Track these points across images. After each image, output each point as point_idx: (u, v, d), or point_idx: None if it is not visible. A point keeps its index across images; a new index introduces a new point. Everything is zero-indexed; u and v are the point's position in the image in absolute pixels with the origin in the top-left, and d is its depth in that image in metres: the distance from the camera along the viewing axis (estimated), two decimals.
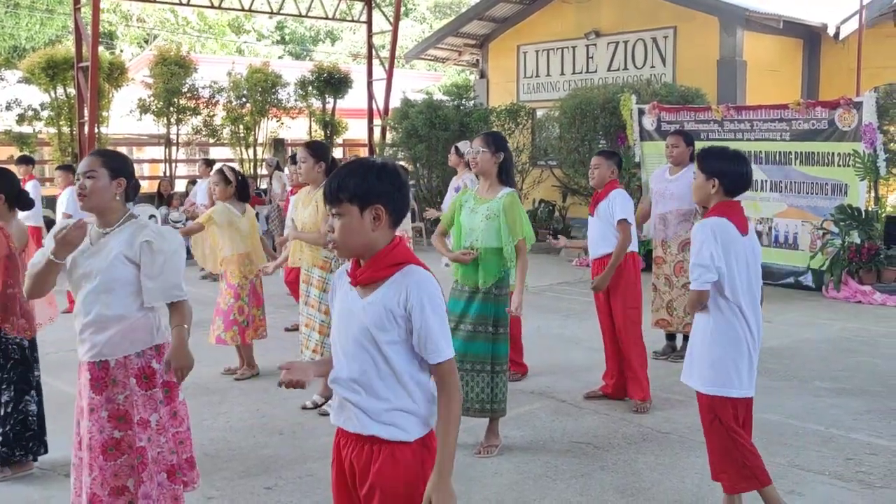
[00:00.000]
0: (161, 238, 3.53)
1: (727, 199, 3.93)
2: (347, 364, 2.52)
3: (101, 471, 3.57)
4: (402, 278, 2.47)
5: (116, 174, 3.54)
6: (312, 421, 5.78)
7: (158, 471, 3.61)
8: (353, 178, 2.47)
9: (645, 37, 15.79)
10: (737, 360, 3.88)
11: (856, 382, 6.56)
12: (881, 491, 4.50)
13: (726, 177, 3.91)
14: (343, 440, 2.60)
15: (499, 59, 18.44)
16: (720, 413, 3.92)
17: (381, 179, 2.49)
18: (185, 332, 3.57)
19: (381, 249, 2.49)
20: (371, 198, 2.47)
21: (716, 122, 11.30)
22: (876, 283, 9.96)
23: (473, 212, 5.06)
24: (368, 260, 2.50)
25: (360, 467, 2.53)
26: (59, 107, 15.48)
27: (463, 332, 4.98)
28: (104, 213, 3.56)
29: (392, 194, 2.50)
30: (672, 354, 7.26)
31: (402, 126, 16.03)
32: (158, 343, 3.64)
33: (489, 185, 5.11)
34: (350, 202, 2.46)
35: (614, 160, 6.12)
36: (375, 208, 2.47)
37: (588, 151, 13.47)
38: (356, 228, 2.47)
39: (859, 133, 9.97)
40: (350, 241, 2.49)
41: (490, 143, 5.06)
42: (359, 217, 2.47)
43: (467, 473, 4.78)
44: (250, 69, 17.69)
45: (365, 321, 2.48)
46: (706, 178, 3.93)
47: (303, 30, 38.96)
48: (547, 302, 9.91)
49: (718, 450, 3.96)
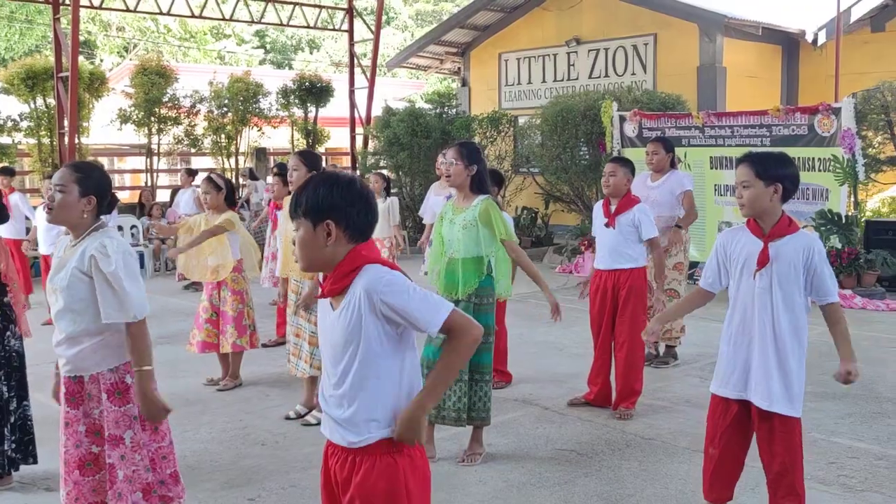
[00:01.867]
0: (103, 252, 3.38)
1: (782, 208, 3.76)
2: (332, 375, 2.53)
3: (75, 486, 3.51)
4: (361, 278, 2.46)
5: (87, 192, 3.46)
6: (295, 431, 5.76)
7: (133, 490, 3.51)
8: (306, 192, 2.50)
9: (625, 44, 15.88)
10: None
11: (837, 386, 6.55)
12: (862, 494, 4.53)
13: (790, 181, 3.73)
14: (330, 450, 2.62)
15: (480, 67, 18.49)
16: (800, 430, 3.85)
17: (331, 194, 2.47)
18: (146, 376, 3.42)
19: (340, 261, 2.49)
20: (321, 213, 2.47)
21: (696, 128, 11.36)
22: (856, 287, 10.03)
23: (452, 223, 5.05)
24: (331, 273, 2.52)
25: (342, 478, 2.55)
26: (38, 117, 15.37)
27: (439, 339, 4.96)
28: (73, 228, 3.51)
29: (343, 209, 2.47)
30: (655, 360, 7.27)
31: (384, 134, 16.04)
32: None
33: (463, 195, 5.09)
34: (305, 217, 2.48)
35: (629, 167, 6.02)
36: (326, 223, 2.46)
37: (570, 159, 13.53)
38: (311, 243, 2.50)
39: (838, 138, 10.04)
40: (307, 256, 2.52)
41: (463, 156, 4.98)
42: (312, 232, 2.48)
43: (451, 482, 4.77)
44: (231, 78, 17.65)
45: (338, 331, 2.49)
46: (766, 184, 3.67)
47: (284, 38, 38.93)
48: (531, 309, 9.92)
49: (799, 473, 3.83)
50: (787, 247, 3.71)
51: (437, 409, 4.96)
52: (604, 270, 6.04)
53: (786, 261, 3.71)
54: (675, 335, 7.26)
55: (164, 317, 9.83)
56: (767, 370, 3.79)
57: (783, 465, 3.80)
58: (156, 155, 17.06)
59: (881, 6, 14.66)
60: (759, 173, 3.70)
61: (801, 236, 3.74)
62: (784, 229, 3.74)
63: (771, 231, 3.75)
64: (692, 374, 7.00)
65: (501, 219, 5.01)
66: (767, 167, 3.70)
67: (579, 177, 13.71)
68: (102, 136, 17.27)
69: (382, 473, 2.48)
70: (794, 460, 3.80)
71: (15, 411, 4.80)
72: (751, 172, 3.71)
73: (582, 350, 7.43)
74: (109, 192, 3.59)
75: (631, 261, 5.95)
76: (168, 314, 10.00)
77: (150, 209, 14.48)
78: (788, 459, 3.79)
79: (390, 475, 2.49)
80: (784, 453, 3.79)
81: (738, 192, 3.81)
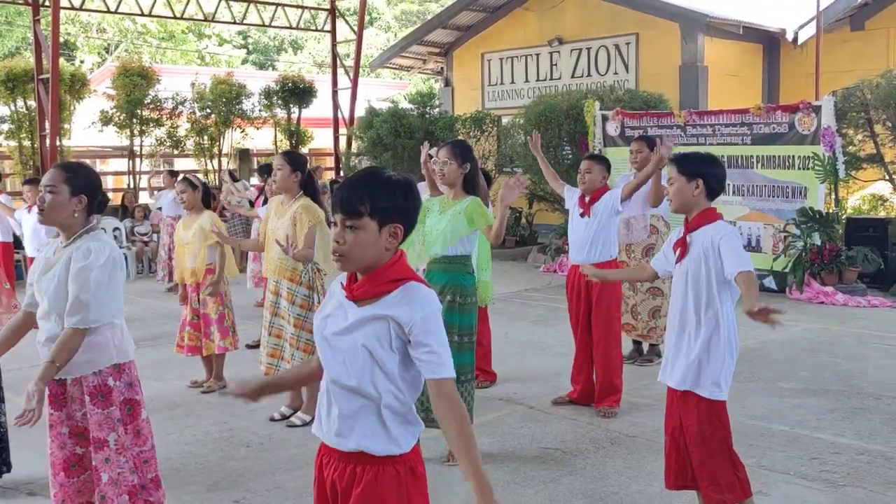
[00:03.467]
0: (85, 256, 3.38)
1: (709, 204, 3.90)
2: (346, 376, 2.41)
3: (61, 487, 3.52)
4: (403, 294, 2.39)
5: (78, 191, 3.46)
6: (280, 433, 5.75)
7: (119, 493, 3.50)
8: (378, 192, 2.38)
9: (608, 43, 15.93)
10: (732, 362, 3.90)
11: (819, 382, 6.65)
12: (844, 489, 4.57)
13: (709, 178, 3.88)
14: (326, 458, 2.52)
15: (463, 67, 18.50)
16: (723, 419, 3.86)
17: (407, 198, 2.42)
18: (51, 370, 3.34)
19: (383, 264, 2.42)
20: (394, 215, 2.39)
21: (678, 127, 11.42)
22: (837, 283, 10.11)
23: (441, 214, 5.05)
24: (368, 274, 2.42)
25: (342, 488, 2.45)
26: (19, 120, 15.28)
27: None
28: (65, 229, 3.50)
29: (412, 212, 2.44)
30: (639, 358, 7.31)
31: (367, 135, 16.03)
32: (119, 362, 3.55)
33: (454, 193, 5.10)
34: (370, 216, 2.37)
35: (605, 164, 6.09)
36: (395, 226, 2.40)
37: (553, 158, 13.54)
38: (371, 244, 2.38)
39: (818, 136, 10.12)
40: (360, 256, 2.39)
41: (457, 155, 5.01)
42: (376, 233, 2.38)
43: (436, 482, 4.76)
44: (214, 80, 17.59)
45: (359, 335, 2.39)
46: (688, 180, 3.87)
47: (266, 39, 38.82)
48: (514, 308, 9.94)
49: (716, 459, 3.82)
50: (699, 236, 3.86)
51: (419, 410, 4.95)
52: (578, 265, 6.07)
53: (697, 249, 3.85)
54: (660, 333, 7.29)
55: (148, 319, 9.79)
56: (676, 352, 3.92)
57: (699, 452, 3.82)
58: (138, 157, 16.98)
59: (860, 5, 14.77)
60: (680, 170, 3.91)
61: (713, 225, 3.86)
62: (701, 220, 3.88)
63: (690, 221, 3.91)
64: None
65: (486, 214, 5.02)
66: (689, 164, 3.92)
67: (562, 176, 13.67)
68: (84, 138, 17.18)
69: (386, 485, 2.40)
70: (712, 448, 3.81)
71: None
72: (674, 169, 3.94)
73: (566, 349, 7.45)
74: (100, 191, 3.59)
75: (603, 253, 5.96)
76: (151, 317, 9.96)
77: (132, 211, 14.43)
78: (704, 447, 3.81)
79: (394, 486, 2.41)
80: (699, 440, 3.82)
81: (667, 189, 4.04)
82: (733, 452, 3.88)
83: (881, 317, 9.16)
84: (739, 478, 3.85)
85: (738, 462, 3.89)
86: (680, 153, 4.09)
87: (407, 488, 2.43)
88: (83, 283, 3.36)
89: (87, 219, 3.53)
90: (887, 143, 10.80)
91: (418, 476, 2.47)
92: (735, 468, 3.85)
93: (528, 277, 12.46)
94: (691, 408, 3.86)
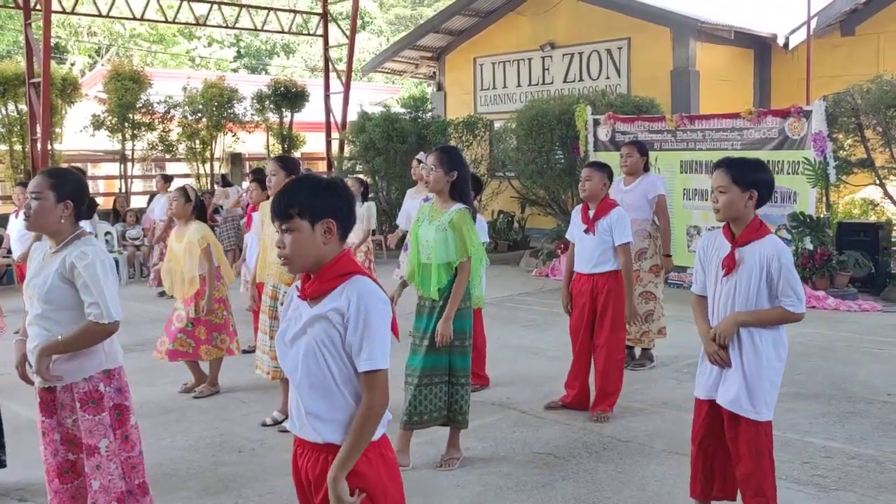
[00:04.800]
0: (83, 257, 3.40)
1: (755, 214, 3.79)
2: (304, 373, 2.54)
3: (56, 494, 3.52)
4: (345, 288, 2.51)
5: (63, 197, 3.46)
6: (273, 438, 5.74)
7: (109, 500, 3.50)
8: (303, 193, 2.54)
9: (599, 48, 15.97)
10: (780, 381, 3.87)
11: (811, 387, 6.66)
12: (836, 493, 4.58)
13: (765, 187, 3.75)
14: (300, 449, 2.63)
15: (456, 72, 18.53)
16: (770, 433, 3.85)
17: (331, 194, 2.56)
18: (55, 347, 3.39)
19: (328, 262, 2.54)
20: (322, 212, 2.52)
21: (668, 132, 11.45)
22: (829, 288, 10.14)
23: (430, 223, 5.04)
24: (316, 272, 2.56)
25: (314, 476, 2.56)
26: (10, 123, 15.22)
27: (422, 347, 4.99)
28: (53, 235, 3.50)
29: (341, 208, 2.56)
30: (632, 363, 7.31)
31: (359, 139, 16.02)
32: (108, 368, 3.54)
33: (443, 200, 5.06)
34: (300, 217, 2.51)
35: (606, 172, 6.02)
36: (327, 222, 2.52)
37: (545, 162, 13.58)
38: (307, 243, 2.52)
39: (809, 141, 10.16)
40: (301, 256, 2.54)
41: (444, 163, 4.95)
42: (310, 231, 2.52)
43: (429, 486, 4.78)
44: (206, 84, 17.56)
45: (312, 333, 2.52)
46: (742, 190, 3.70)
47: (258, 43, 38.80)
48: (507, 313, 9.94)
49: (765, 475, 3.81)
50: (752, 251, 3.74)
51: (413, 415, 4.98)
52: (584, 274, 6.06)
53: (749, 265, 3.74)
54: (652, 338, 7.30)
55: (139, 324, 9.76)
56: (731, 373, 3.82)
57: (749, 467, 3.83)
58: (130, 161, 16.94)
59: (850, 10, 14.83)
60: (735, 179, 3.73)
61: (767, 241, 3.75)
62: (752, 234, 3.76)
63: (739, 236, 3.78)
64: (669, 377, 7.05)
65: (474, 238, 4.95)
66: (744, 173, 3.74)
67: (555, 180, 13.76)
68: (76, 142, 17.13)
69: (357, 470, 2.48)
70: (761, 463, 3.82)
71: None
72: (727, 178, 3.74)
73: (559, 353, 7.46)
74: (87, 196, 3.60)
75: (610, 265, 5.96)
76: (143, 321, 9.93)
77: (124, 215, 14.39)
78: (754, 462, 3.82)
79: (364, 471, 2.50)
80: (748, 455, 3.81)
81: (714, 196, 3.83)
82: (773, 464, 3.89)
83: (872, 321, 9.19)
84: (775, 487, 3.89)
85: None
86: (731, 159, 3.85)
87: (379, 473, 2.53)
88: (94, 278, 3.38)
89: (75, 224, 3.53)
90: (878, 148, 10.83)
91: (388, 461, 2.58)
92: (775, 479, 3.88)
93: (521, 282, 12.46)
94: (741, 425, 3.80)
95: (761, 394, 3.77)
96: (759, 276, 3.72)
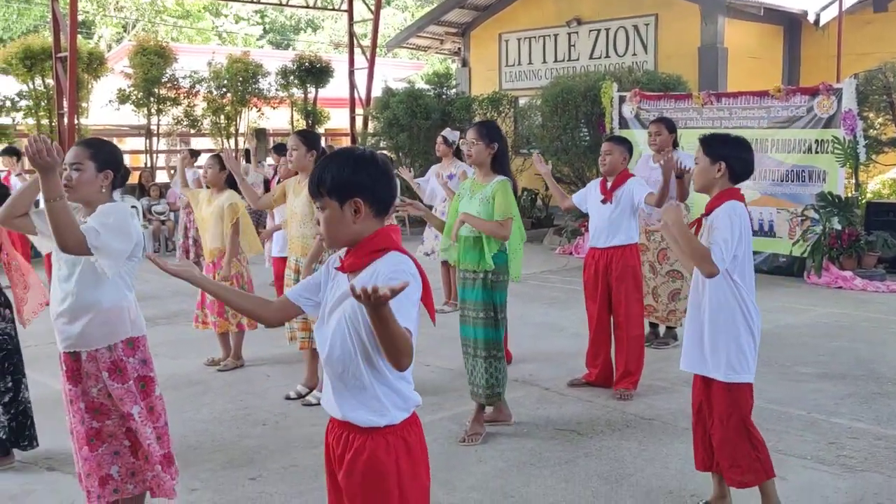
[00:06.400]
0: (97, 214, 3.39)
1: (731, 186, 3.87)
2: (331, 348, 2.51)
3: (85, 461, 3.58)
4: (377, 264, 2.47)
5: (103, 166, 3.49)
6: (296, 411, 5.77)
7: (153, 463, 3.58)
8: (330, 171, 2.48)
9: (626, 24, 15.80)
10: (749, 344, 3.86)
11: (837, 367, 6.60)
12: (862, 474, 4.54)
13: (733, 162, 3.85)
14: (330, 425, 2.63)
15: (480, 48, 18.41)
16: (741, 401, 3.85)
17: (356, 172, 2.47)
18: (52, 179, 3.15)
19: (365, 237, 2.49)
20: (349, 191, 2.46)
21: (695, 109, 11.32)
22: (856, 268, 10.03)
23: (471, 198, 5.09)
24: (353, 247, 2.52)
25: (337, 454, 2.56)
26: (37, 98, 15.31)
27: (470, 318, 5.07)
28: (90, 204, 3.52)
29: (370, 186, 2.48)
30: (655, 341, 7.27)
31: (383, 115, 15.98)
32: (133, 336, 3.59)
33: (483, 173, 5.14)
34: (329, 196, 2.47)
35: (626, 146, 6.04)
36: (354, 201, 2.46)
37: (570, 140, 13.49)
38: (338, 221, 2.48)
39: (838, 119, 10.01)
40: (335, 234, 2.51)
41: (484, 135, 5.07)
42: (339, 210, 2.47)
43: (451, 462, 4.79)
44: (230, 59, 17.57)
45: (343, 306, 2.49)
46: (711, 162, 3.85)
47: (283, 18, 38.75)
48: (530, 290, 9.92)
49: (734, 442, 3.83)
50: (710, 218, 3.83)
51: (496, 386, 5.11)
52: (598, 249, 6.05)
53: (707, 231, 3.82)
54: (679, 316, 7.26)
55: (164, 297, 9.83)
56: (693, 337, 3.92)
57: (720, 434, 3.84)
58: (155, 136, 17.02)
59: None
60: (705, 151, 3.89)
61: (723, 206, 3.80)
62: (714, 203, 3.84)
63: (707, 205, 3.88)
64: None
65: (515, 208, 5.02)
66: (713, 146, 3.89)
67: (580, 158, 13.68)
68: (101, 116, 17.23)
69: (374, 454, 2.47)
70: (732, 430, 3.82)
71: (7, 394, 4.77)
72: (700, 150, 3.92)
73: (581, 330, 7.42)
74: (122, 165, 3.64)
75: (625, 238, 5.95)
76: (168, 295, 10.00)
77: (149, 189, 14.47)
78: (724, 428, 3.82)
79: (382, 456, 2.47)
80: (719, 422, 3.84)
81: None
82: (752, 434, 3.86)
83: None
84: (760, 459, 3.85)
85: (759, 443, 3.87)
86: (707, 134, 4.04)
87: (396, 457, 2.49)
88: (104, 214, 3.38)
89: (111, 194, 3.57)
90: None
91: (411, 445, 2.53)
92: (755, 449, 3.84)
93: (544, 259, 12.43)
94: (712, 391, 3.87)
95: (723, 354, 3.81)
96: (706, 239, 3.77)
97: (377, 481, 2.47)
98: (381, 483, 2.47)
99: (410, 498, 2.50)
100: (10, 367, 4.79)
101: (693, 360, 3.93)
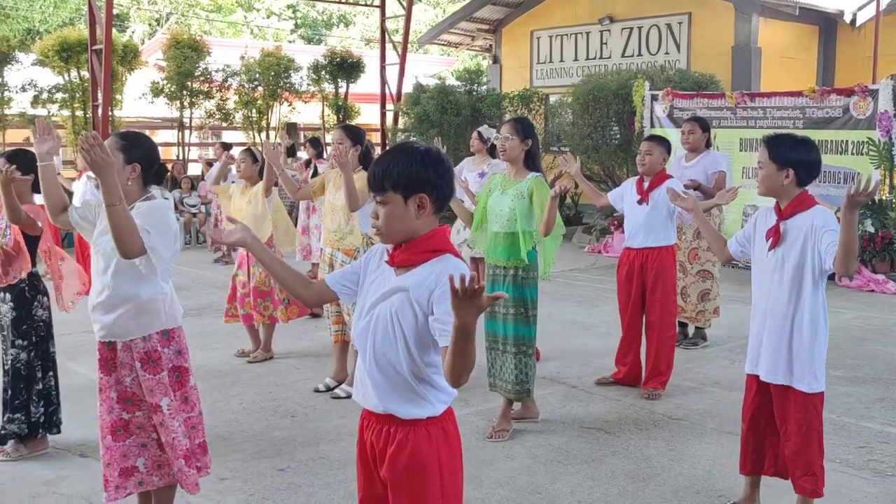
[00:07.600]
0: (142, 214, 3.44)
1: (800, 190, 3.74)
2: (371, 340, 2.51)
3: (108, 451, 3.61)
4: (435, 264, 2.45)
5: (132, 160, 3.52)
6: (324, 404, 5.81)
7: (176, 457, 3.60)
8: (397, 165, 2.45)
9: (659, 23, 15.70)
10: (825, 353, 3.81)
11: (868, 371, 6.54)
12: (893, 479, 4.50)
13: (803, 167, 3.71)
14: (365, 421, 2.62)
15: (512, 45, 18.37)
16: (819, 409, 3.79)
17: (425, 167, 2.46)
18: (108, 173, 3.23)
19: (421, 235, 2.49)
20: (415, 186, 2.45)
21: (728, 108, 11.23)
22: (889, 272, 9.92)
23: (503, 194, 5.09)
24: (407, 243, 2.50)
25: (378, 449, 2.55)
26: (72, 89, 15.50)
27: (500, 315, 5.09)
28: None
29: (436, 182, 2.48)
30: (684, 342, 7.24)
31: (413, 111, 16.01)
32: (167, 328, 3.62)
33: (516, 170, 5.15)
34: (394, 190, 2.45)
35: (665, 146, 6.00)
36: (420, 197, 2.45)
37: (601, 138, 13.44)
38: (400, 216, 2.46)
39: (874, 121, 9.90)
40: (394, 229, 2.48)
41: (519, 131, 5.09)
42: (403, 205, 2.45)
43: (479, 457, 4.80)
44: (263, 53, 17.67)
45: (390, 301, 2.48)
46: (778, 168, 3.70)
47: (315, 14, 38.89)
48: (558, 288, 9.91)
49: (810, 451, 3.78)
50: (795, 223, 3.73)
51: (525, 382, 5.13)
52: (633, 249, 6.02)
53: (795, 236, 3.72)
54: (708, 317, 7.22)
55: (195, 289, 9.93)
56: (775, 345, 3.79)
57: (797, 443, 3.79)
58: (187, 128, 17.16)
59: None
60: (771, 156, 3.75)
61: (810, 211, 3.72)
62: (796, 207, 3.74)
63: (784, 210, 3.77)
64: (721, 356, 6.98)
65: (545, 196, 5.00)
66: (781, 151, 3.74)
67: (610, 156, 13.63)
68: (135, 109, 17.39)
69: (417, 445, 2.49)
70: (809, 439, 3.78)
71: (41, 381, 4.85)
72: (766, 154, 3.78)
73: (609, 329, 7.42)
74: (157, 162, 3.66)
75: (661, 239, 5.92)
76: (199, 287, 10.09)
77: (181, 182, 14.60)
78: (802, 437, 3.78)
79: (425, 447, 2.49)
80: (797, 431, 3.78)
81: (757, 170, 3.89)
82: (822, 443, 3.84)
83: None
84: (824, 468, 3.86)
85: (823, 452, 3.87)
86: (774, 135, 3.84)
87: (438, 448, 2.51)
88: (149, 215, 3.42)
89: (143, 188, 3.59)
90: None
91: (450, 437, 2.55)
92: (822, 458, 3.84)
93: (573, 257, 12.40)
94: (790, 401, 3.78)
95: (810, 365, 3.73)
96: (805, 244, 3.68)
97: (421, 473, 2.49)
98: (424, 475, 2.49)
99: (450, 489, 2.53)
100: (43, 353, 4.87)
101: (776, 370, 3.78)
